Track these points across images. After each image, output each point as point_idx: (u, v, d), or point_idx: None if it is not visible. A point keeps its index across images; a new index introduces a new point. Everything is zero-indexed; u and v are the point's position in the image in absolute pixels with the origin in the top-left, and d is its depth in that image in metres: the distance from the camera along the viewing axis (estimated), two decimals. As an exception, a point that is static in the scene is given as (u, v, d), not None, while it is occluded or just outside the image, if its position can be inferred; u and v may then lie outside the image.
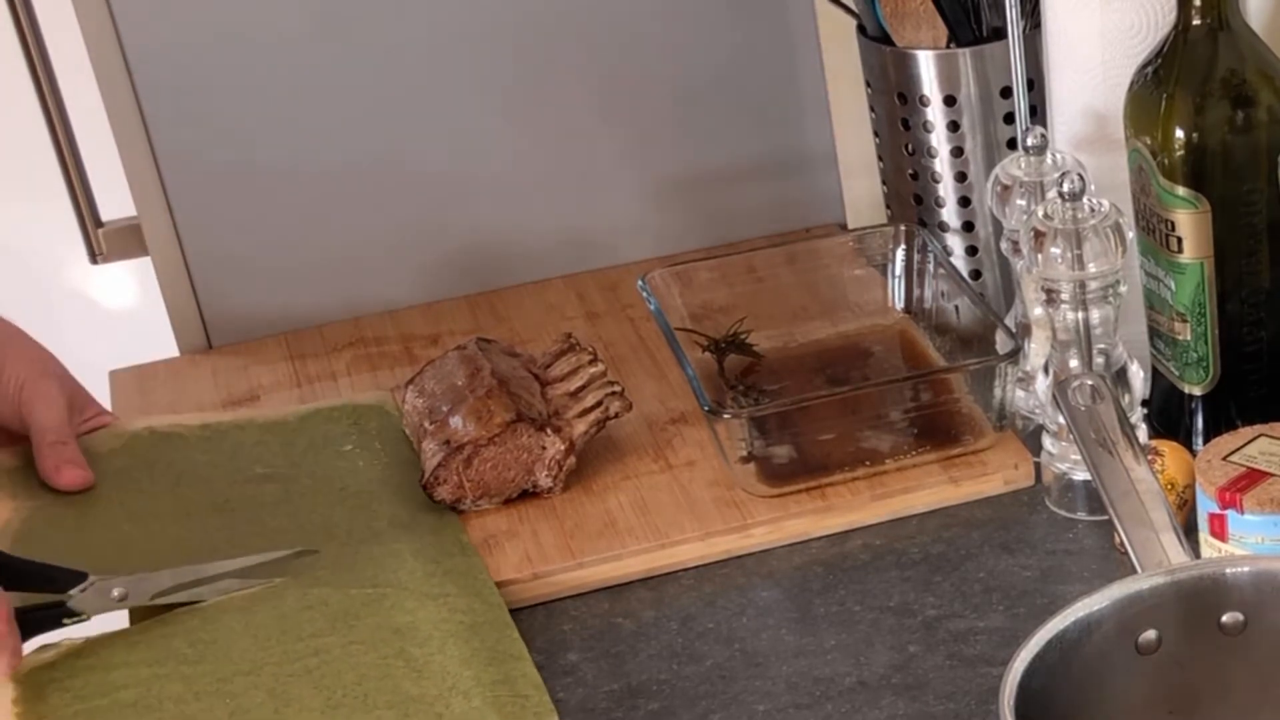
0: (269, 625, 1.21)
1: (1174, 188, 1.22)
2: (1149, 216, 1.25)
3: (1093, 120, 1.30)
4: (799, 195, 1.68)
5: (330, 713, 1.14)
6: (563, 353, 1.41)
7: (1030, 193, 1.30)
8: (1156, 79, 1.22)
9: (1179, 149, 1.21)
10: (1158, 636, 1.00)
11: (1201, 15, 1.20)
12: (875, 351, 1.45)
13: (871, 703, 1.13)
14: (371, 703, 1.14)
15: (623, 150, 1.65)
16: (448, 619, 1.21)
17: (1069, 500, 1.27)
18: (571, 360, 1.40)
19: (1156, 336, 1.29)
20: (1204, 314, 1.25)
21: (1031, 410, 1.32)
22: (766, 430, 1.31)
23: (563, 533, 1.30)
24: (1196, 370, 1.27)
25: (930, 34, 1.43)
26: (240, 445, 1.42)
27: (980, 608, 1.20)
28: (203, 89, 1.56)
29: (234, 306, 1.62)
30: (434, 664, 1.17)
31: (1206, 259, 1.23)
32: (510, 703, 1.13)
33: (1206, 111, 1.21)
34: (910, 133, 1.46)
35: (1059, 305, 1.22)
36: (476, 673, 1.16)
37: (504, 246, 1.66)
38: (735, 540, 1.28)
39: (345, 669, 1.17)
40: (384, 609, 1.22)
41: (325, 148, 1.60)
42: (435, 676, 1.16)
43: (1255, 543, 1.11)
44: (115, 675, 1.19)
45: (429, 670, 1.16)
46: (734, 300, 1.46)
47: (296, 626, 1.21)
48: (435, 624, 1.20)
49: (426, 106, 1.60)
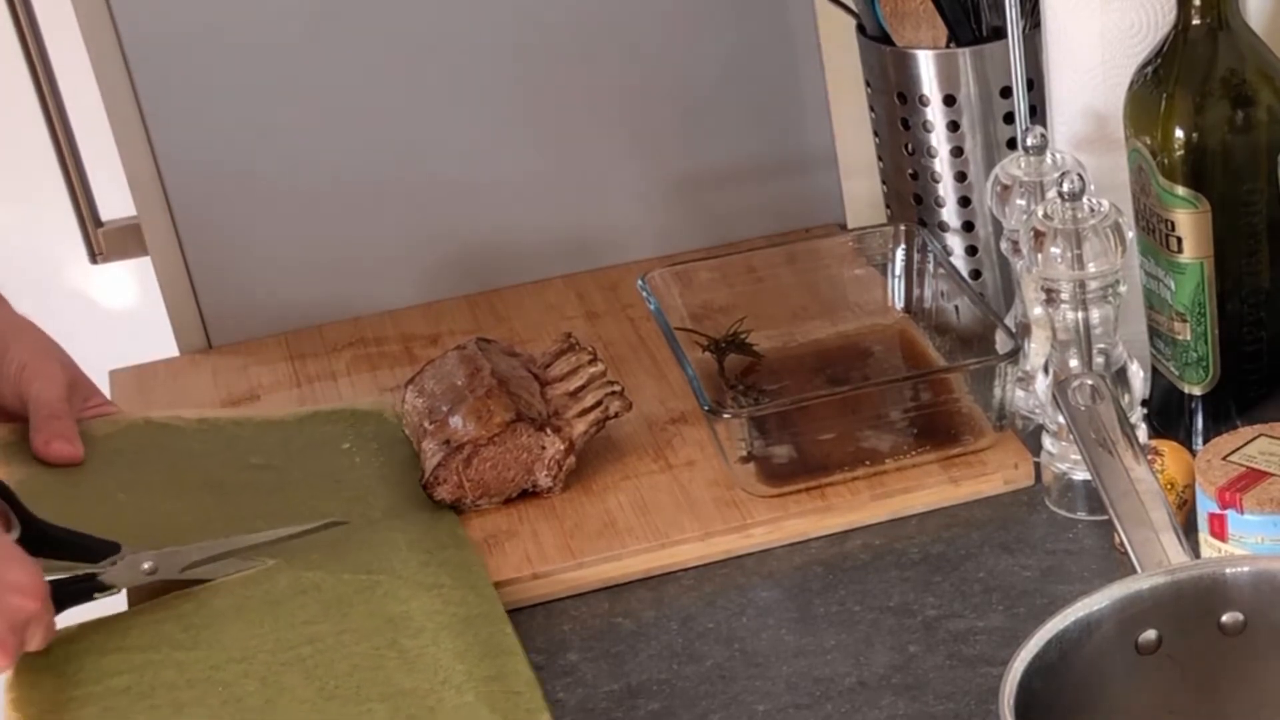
0: (261, 610, 1.21)
1: (1174, 187, 1.22)
2: (1149, 216, 1.25)
3: (1093, 120, 1.30)
4: (799, 195, 1.68)
5: (322, 705, 1.14)
6: (562, 352, 1.41)
7: (1030, 193, 1.30)
8: (1156, 79, 1.22)
9: (1179, 149, 1.21)
10: (1158, 636, 1.00)
11: (1201, 15, 1.20)
12: (875, 351, 1.45)
13: (871, 703, 1.13)
14: (364, 694, 1.14)
15: (623, 150, 1.65)
16: (441, 610, 1.21)
17: (1069, 500, 1.27)
18: (571, 360, 1.39)
19: (1156, 336, 1.29)
20: (1204, 314, 1.25)
21: (1031, 410, 1.32)
22: (766, 430, 1.31)
23: (563, 533, 1.30)
24: (1196, 370, 1.27)
25: (930, 34, 1.43)
26: (237, 438, 1.42)
27: (980, 608, 1.20)
28: (203, 90, 1.56)
29: (234, 306, 1.62)
30: (427, 656, 1.17)
31: (1206, 259, 1.23)
32: (503, 699, 1.13)
33: (1206, 111, 1.21)
34: (910, 132, 1.46)
35: (1059, 305, 1.22)
36: (469, 667, 1.16)
37: (504, 246, 1.66)
38: (735, 540, 1.28)
39: (338, 658, 1.17)
40: (377, 597, 1.22)
41: (325, 148, 1.60)
42: (428, 669, 1.16)
43: (1255, 543, 1.11)
44: (108, 660, 1.19)
45: (421, 663, 1.16)
46: (734, 300, 1.46)
47: (289, 613, 1.21)
48: (429, 615, 1.20)
49: (427, 107, 1.60)
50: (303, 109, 1.58)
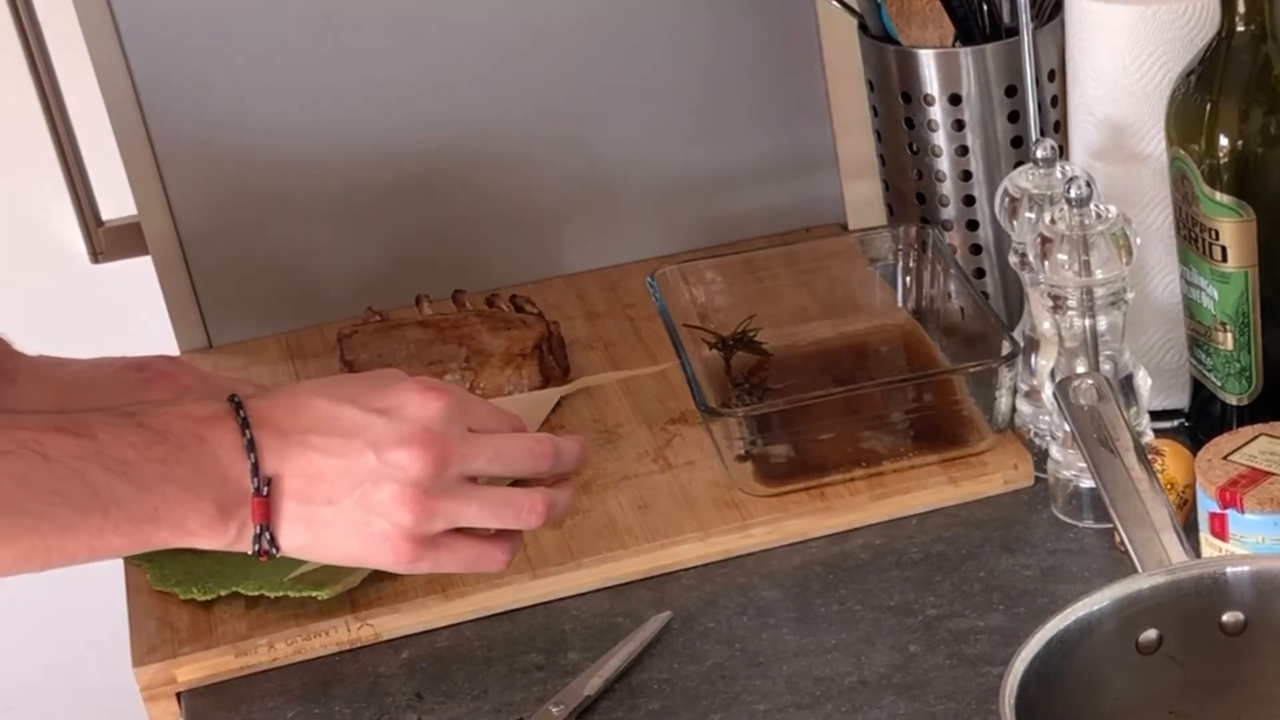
0: None
1: (1218, 196, 1.21)
2: (1191, 225, 1.23)
3: (1107, 129, 1.29)
4: (799, 196, 1.68)
5: None
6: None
7: (1039, 205, 1.28)
8: (1200, 86, 1.21)
9: (1223, 157, 1.20)
10: (1158, 636, 1.00)
11: (1246, 22, 1.19)
12: (882, 352, 1.45)
13: (871, 703, 1.13)
14: None
15: (623, 150, 1.65)
16: None
17: (1074, 508, 1.26)
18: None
19: (1197, 347, 1.28)
20: (1247, 323, 1.24)
21: (1039, 426, 1.31)
22: (766, 429, 1.31)
23: (562, 532, 1.30)
24: (1239, 381, 1.26)
25: (937, 33, 1.43)
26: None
27: (980, 607, 1.20)
28: (203, 89, 1.56)
29: (234, 306, 1.62)
30: None
31: (1251, 268, 1.22)
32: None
33: (1251, 119, 1.20)
34: (914, 132, 1.46)
35: (1066, 312, 1.22)
36: None
37: (504, 246, 1.65)
38: (735, 540, 1.28)
39: None
40: None
41: (325, 148, 1.59)
42: None
43: (1255, 542, 1.11)
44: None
45: None
46: (744, 298, 1.46)
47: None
48: None
49: (427, 106, 1.60)
50: (303, 109, 1.58)
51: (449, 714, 1.18)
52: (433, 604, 1.25)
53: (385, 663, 1.23)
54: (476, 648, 1.23)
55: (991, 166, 1.44)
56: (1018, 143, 1.43)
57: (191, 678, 1.24)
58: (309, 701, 1.21)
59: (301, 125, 1.58)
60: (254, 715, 1.21)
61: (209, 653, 1.24)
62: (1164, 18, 1.24)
